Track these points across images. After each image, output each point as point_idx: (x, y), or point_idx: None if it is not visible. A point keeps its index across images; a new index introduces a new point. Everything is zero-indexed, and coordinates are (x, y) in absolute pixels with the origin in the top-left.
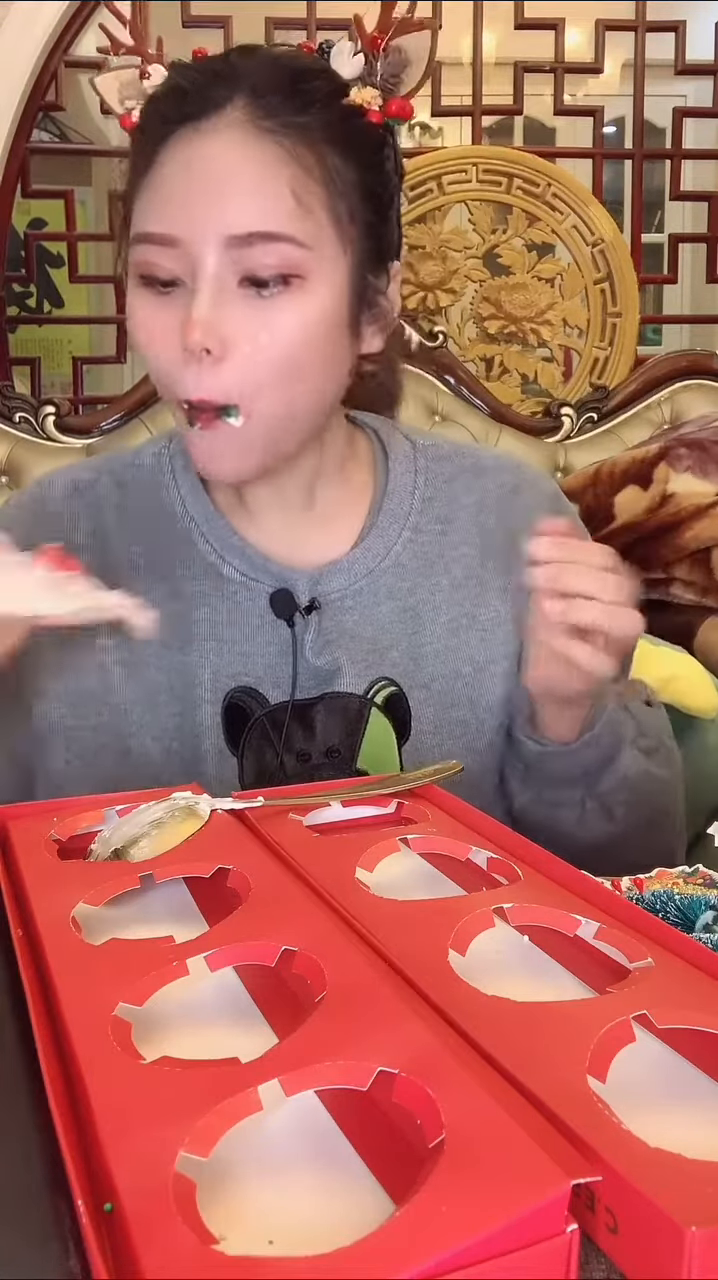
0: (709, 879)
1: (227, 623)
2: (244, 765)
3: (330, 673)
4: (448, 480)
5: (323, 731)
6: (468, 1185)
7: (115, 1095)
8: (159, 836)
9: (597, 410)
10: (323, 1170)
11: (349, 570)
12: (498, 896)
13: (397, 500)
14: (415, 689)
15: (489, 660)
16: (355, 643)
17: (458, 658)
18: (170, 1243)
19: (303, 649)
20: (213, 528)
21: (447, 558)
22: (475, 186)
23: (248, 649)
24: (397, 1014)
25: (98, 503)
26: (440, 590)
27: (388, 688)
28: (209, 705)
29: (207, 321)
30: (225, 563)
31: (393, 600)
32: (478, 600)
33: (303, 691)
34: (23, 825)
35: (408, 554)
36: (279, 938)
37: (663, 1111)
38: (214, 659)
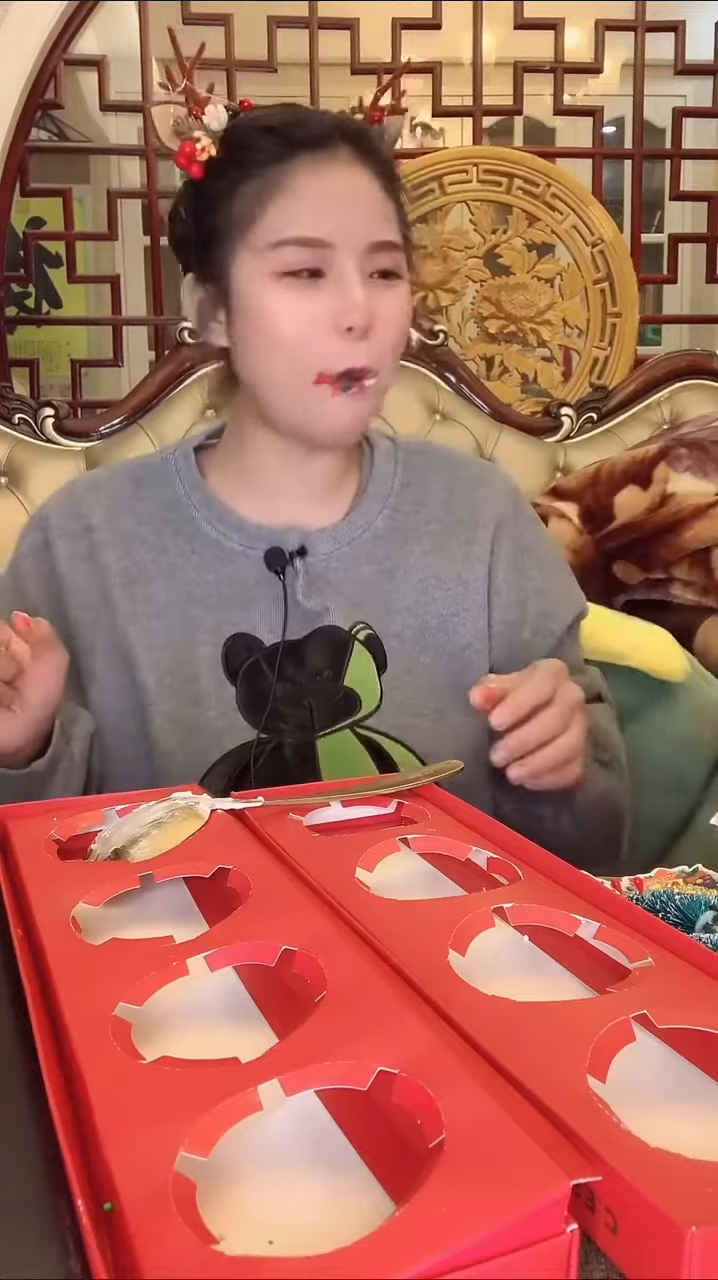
0: (709, 879)
1: (228, 583)
2: (240, 693)
3: (319, 614)
4: (422, 469)
5: (312, 660)
6: (468, 1185)
7: (115, 1095)
8: (159, 836)
9: (597, 410)
10: (323, 1170)
11: (336, 537)
12: (498, 896)
13: (379, 483)
14: (389, 637)
15: (452, 614)
16: (339, 595)
17: (426, 612)
18: (170, 1243)
19: (294, 594)
20: (213, 510)
21: (419, 531)
22: (476, 187)
23: (246, 602)
24: (397, 1014)
25: (113, 493)
26: (412, 556)
27: (366, 629)
28: (209, 646)
29: (367, 304)
30: (226, 537)
31: (371, 564)
32: (443, 565)
33: (292, 634)
34: (23, 825)
35: (387, 527)
36: (279, 938)
37: (663, 1111)
38: (217, 613)
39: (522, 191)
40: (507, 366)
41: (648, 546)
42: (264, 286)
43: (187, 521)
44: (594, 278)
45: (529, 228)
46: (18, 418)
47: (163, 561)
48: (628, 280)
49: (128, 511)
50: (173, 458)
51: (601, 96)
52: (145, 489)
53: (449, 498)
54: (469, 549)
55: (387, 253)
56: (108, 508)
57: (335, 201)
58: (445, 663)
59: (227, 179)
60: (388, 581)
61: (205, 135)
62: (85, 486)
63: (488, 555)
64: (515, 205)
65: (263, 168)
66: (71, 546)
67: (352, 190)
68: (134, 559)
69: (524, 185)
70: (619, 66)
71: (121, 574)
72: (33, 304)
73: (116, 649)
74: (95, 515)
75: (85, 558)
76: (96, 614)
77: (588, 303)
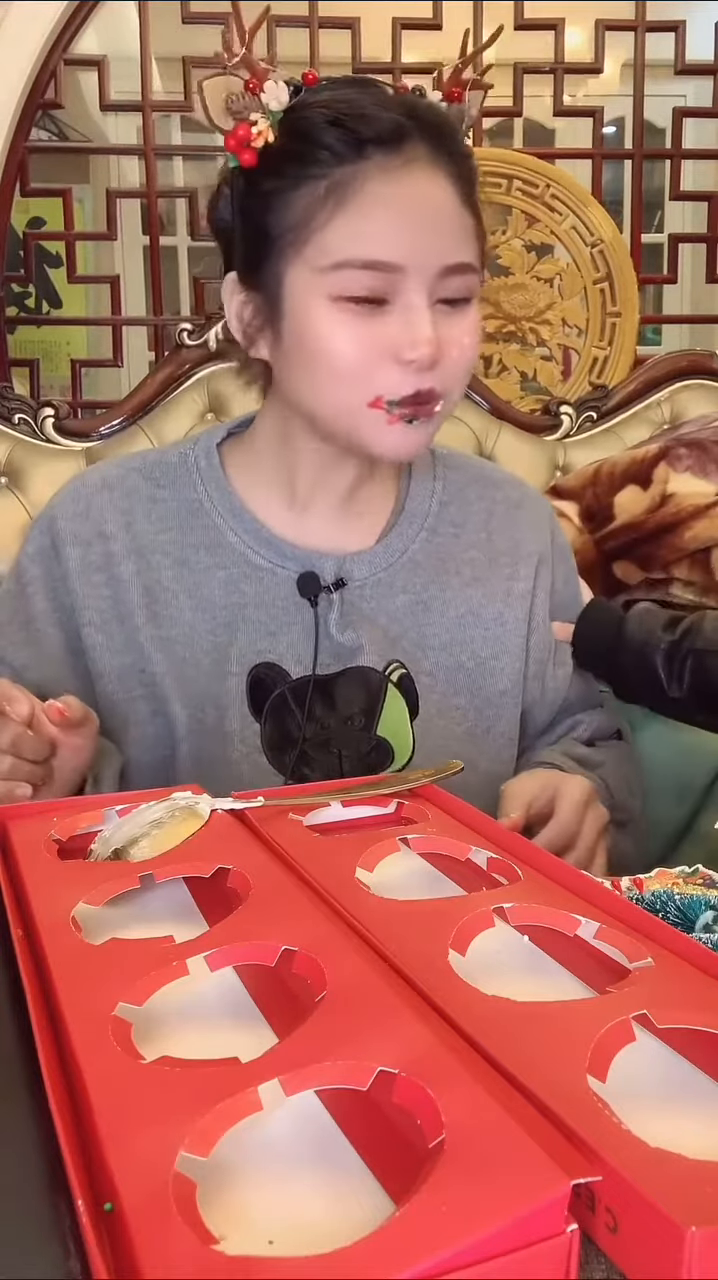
0: (709, 879)
1: (254, 605)
2: (266, 730)
3: (352, 650)
4: (462, 488)
5: (343, 702)
6: (468, 1185)
7: (115, 1095)
8: (159, 836)
9: (596, 409)
10: (323, 1170)
11: (372, 562)
12: (498, 896)
13: (417, 502)
14: (421, 675)
15: (491, 656)
16: (373, 627)
17: (462, 651)
18: (170, 1243)
19: (327, 627)
20: (241, 521)
21: (457, 559)
22: None
23: (273, 628)
24: (397, 1014)
25: (128, 495)
26: (450, 588)
27: (400, 669)
28: (235, 677)
29: (436, 338)
30: (254, 552)
31: (407, 594)
32: (483, 601)
33: (323, 668)
34: (23, 825)
35: (423, 553)
36: (279, 938)
37: (663, 1111)
38: (241, 638)
39: (521, 193)
40: (505, 365)
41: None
42: (320, 309)
43: (209, 530)
44: (594, 278)
45: (529, 228)
46: (18, 418)
47: (186, 577)
48: (628, 280)
49: (145, 517)
50: (193, 454)
51: (600, 97)
52: (163, 490)
53: (489, 521)
54: (511, 585)
55: (461, 276)
56: (123, 511)
57: (408, 218)
58: (480, 707)
59: (285, 176)
60: (424, 614)
61: (263, 117)
62: (95, 485)
63: (529, 593)
64: (515, 206)
65: (325, 168)
66: (83, 554)
67: (428, 203)
68: (155, 574)
69: (524, 186)
70: (619, 67)
71: (143, 592)
72: (33, 304)
73: (141, 676)
74: (109, 520)
75: (99, 568)
76: (111, 635)
77: (588, 303)
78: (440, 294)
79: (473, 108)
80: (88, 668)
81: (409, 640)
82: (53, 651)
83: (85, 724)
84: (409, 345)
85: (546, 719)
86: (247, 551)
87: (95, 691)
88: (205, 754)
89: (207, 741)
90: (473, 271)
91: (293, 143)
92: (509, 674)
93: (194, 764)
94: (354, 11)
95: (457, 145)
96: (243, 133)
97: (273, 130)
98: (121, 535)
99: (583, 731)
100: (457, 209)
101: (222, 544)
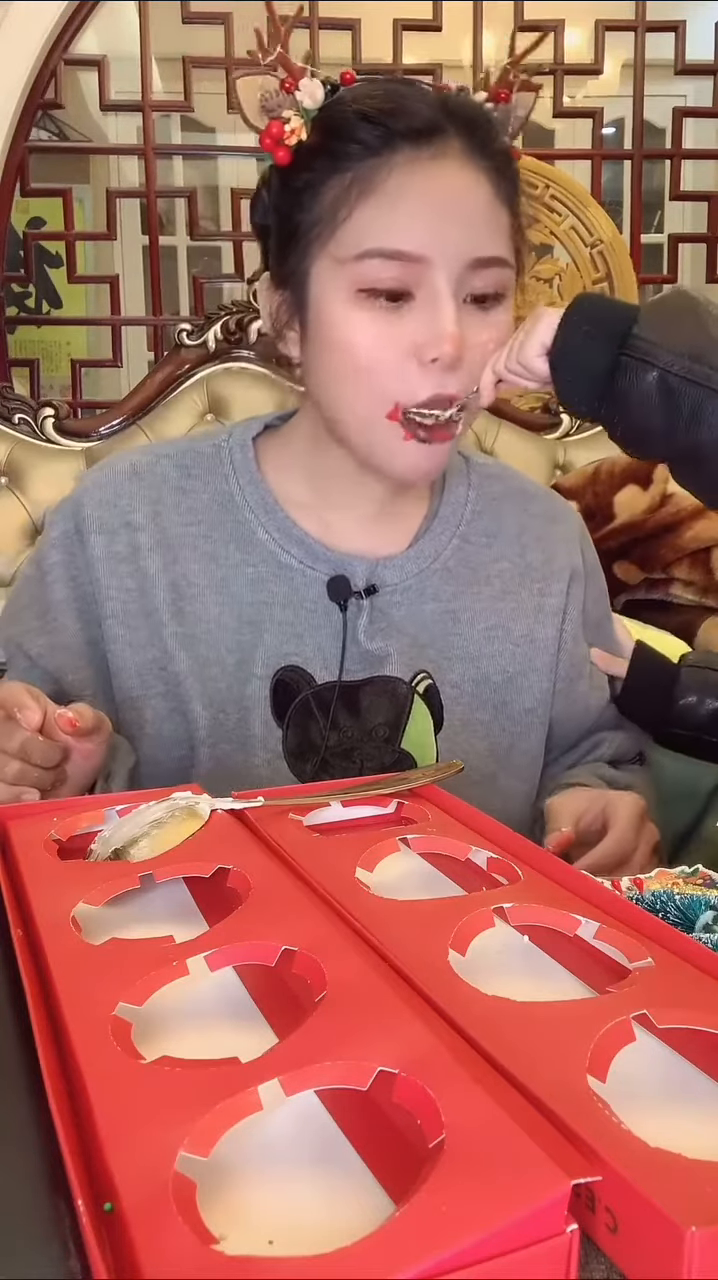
0: (709, 879)
1: (282, 605)
2: (288, 736)
3: (380, 658)
4: (496, 498)
5: (368, 712)
6: (468, 1185)
7: (115, 1095)
8: (159, 836)
9: None
10: (323, 1170)
11: (403, 568)
12: (498, 896)
13: (451, 508)
14: (447, 685)
15: (518, 673)
16: (401, 635)
17: (489, 665)
18: (170, 1243)
19: (355, 633)
20: (273, 518)
21: (489, 570)
22: None
23: (300, 630)
24: (397, 1014)
25: (156, 484)
26: (480, 600)
27: (427, 679)
28: (259, 680)
29: (459, 335)
30: (284, 551)
31: (437, 602)
32: (513, 616)
33: (349, 675)
34: (23, 825)
35: (455, 560)
36: (279, 938)
37: (663, 1111)
38: (267, 638)
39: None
40: None
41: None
42: (342, 303)
43: (240, 525)
44: (594, 278)
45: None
46: (18, 418)
47: (215, 572)
48: (628, 280)
49: (174, 508)
50: (227, 445)
51: (600, 97)
52: (194, 480)
53: (521, 534)
54: (542, 601)
55: (492, 270)
56: (152, 502)
57: (434, 207)
58: (504, 724)
59: (315, 171)
60: (452, 623)
61: (296, 115)
62: (125, 473)
63: (561, 611)
64: None
65: (354, 161)
66: (109, 543)
67: (456, 194)
68: (183, 568)
69: (523, 187)
70: (619, 67)
71: (169, 588)
72: (33, 304)
73: (162, 674)
74: (138, 510)
75: (125, 559)
76: (134, 629)
77: None
78: (470, 289)
79: (521, 109)
80: (105, 660)
81: (436, 649)
82: (69, 641)
83: (98, 731)
84: (431, 342)
85: (574, 737)
86: (276, 550)
87: (112, 686)
88: (226, 758)
89: (228, 745)
90: (506, 266)
91: (325, 139)
92: (536, 692)
93: (214, 766)
94: (355, 12)
95: (495, 142)
96: (276, 130)
97: (306, 128)
98: (149, 526)
99: (607, 750)
100: (489, 202)
101: (251, 540)
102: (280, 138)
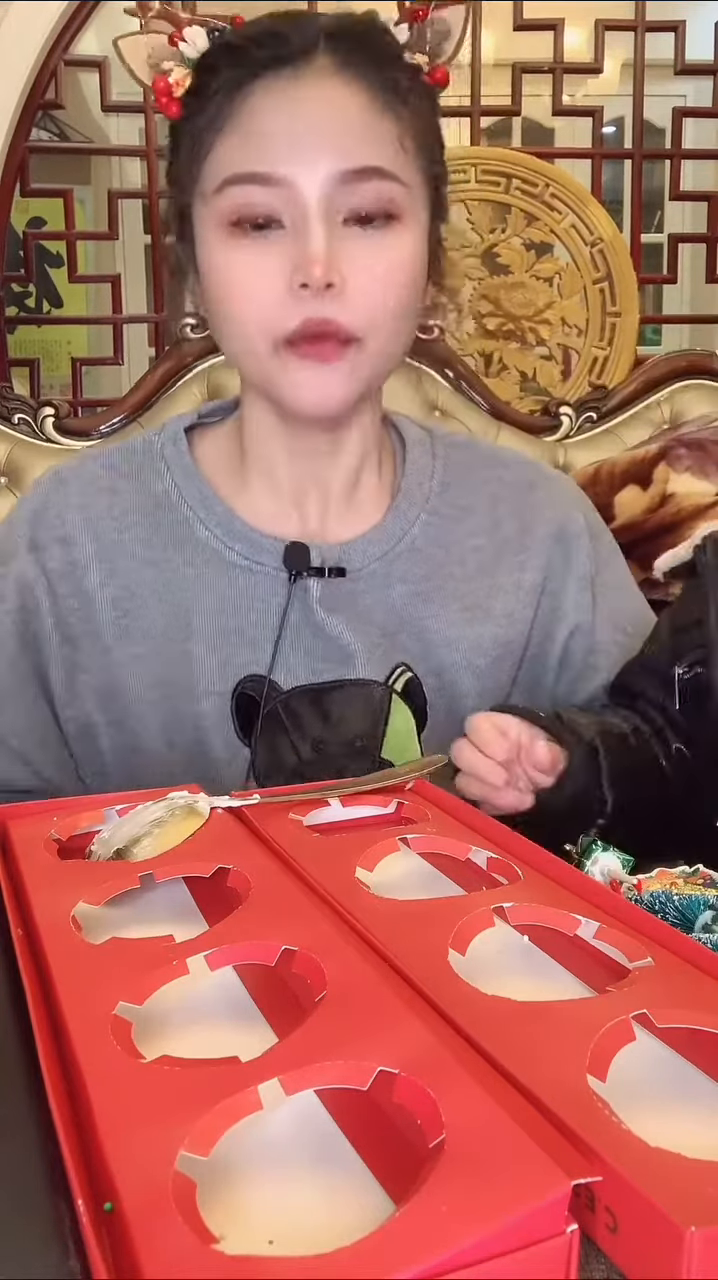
0: (709, 879)
1: (232, 610)
2: (257, 758)
3: (347, 654)
4: (466, 468)
5: (342, 721)
6: (468, 1185)
7: (115, 1095)
8: (159, 836)
9: (596, 410)
10: (323, 1170)
11: (365, 551)
12: (498, 896)
13: (414, 481)
14: (428, 675)
15: (501, 656)
16: (368, 626)
17: (471, 648)
18: (170, 1243)
19: (318, 625)
20: (213, 514)
21: (462, 546)
22: (474, 187)
23: (256, 636)
24: (397, 1014)
25: (83, 488)
26: (454, 579)
27: (406, 673)
28: (217, 697)
29: (327, 256)
30: (229, 548)
31: (405, 584)
32: (490, 593)
33: (318, 675)
34: (23, 825)
35: (424, 538)
36: (279, 937)
37: (663, 1111)
38: (221, 649)
39: (520, 192)
40: (505, 364)
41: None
42: (215, 240)
43: (179, 524)
44: (594, 277)
45: (528, 227)
46: (17, 417)
47: (154, 578)
48: (628, 280)
49: (106, 512)
50: (158, 440)
51: (600, 96)
52: (124, 479)
53: (495, 506)
54: (520, 578)
55: (370, 184)
56: (82, 510)
57: (294, 125)
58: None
59: (190, 116)
60: (424, 606)
61: (180, 66)
62: (52, 483)
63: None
64: (514, 205)
65: (220, 96)
66: (42, 563)
67: (318, 107)
68: (122, 580)
69: (523, 185)
70: (619, 66)
71: (110, 604)
72: (33, 304)
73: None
74: (69, 521)
75: (64, 576)
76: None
77: (587, 302)
78: (348, 207)
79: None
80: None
81: (409, 635)
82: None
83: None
84: (298, 265)
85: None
86: (220, 548)
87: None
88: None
89: (188, 771)
90: (387, 178)
91: (198, 82)
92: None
93: None
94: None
95: (378, 54)
96: (163, 85)
97: (190, 76)
98: (82, 538)
99: None
100: (363, 111)
101: (192, 540)
102: (169, 91)
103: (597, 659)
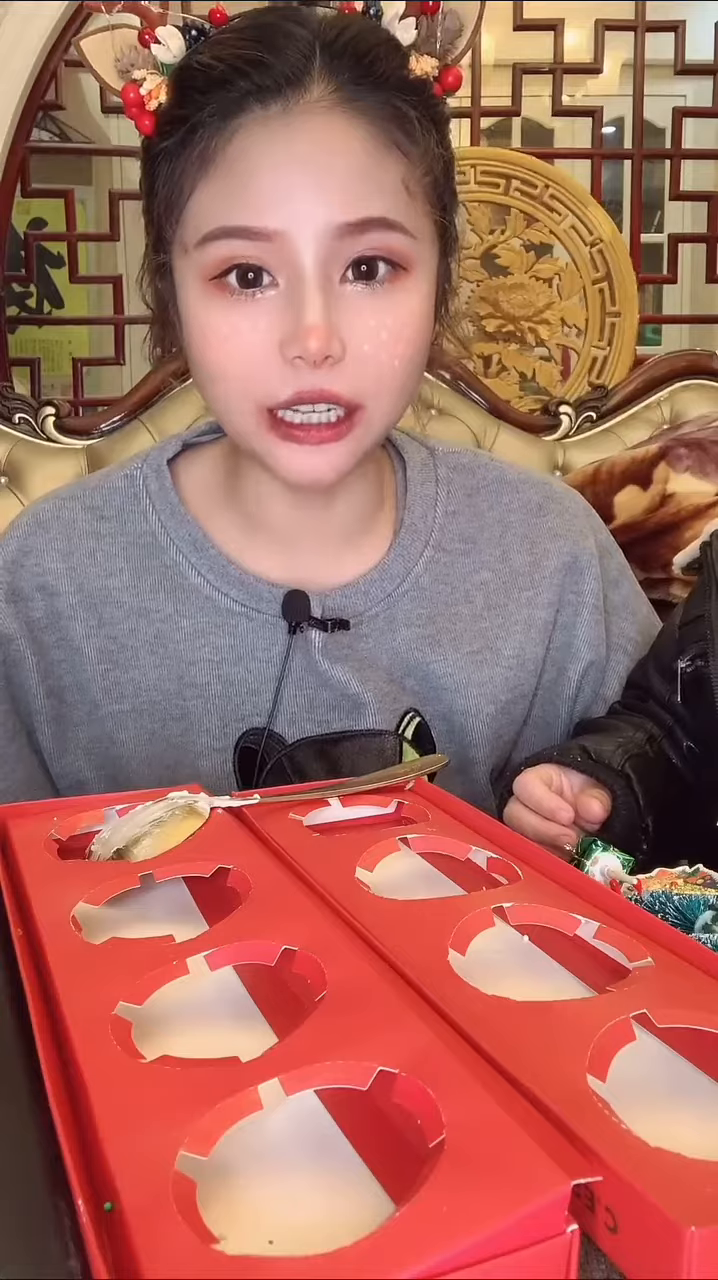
0: (709, 879)
1: (230, 660)
2: None
3: (356, 704)
4: (470, 494)
5: (353, 773)
6: (468, 1185)
7: (115, 1095)
8: (159, 836)
9: (596, 409)
10: (323, 1170)
11: (368, 594)
12: (498, 896)
13: (418, 513)
14: (436, 720)
15: (512, 701)
16: (374, 672)
17: (480, 694)
18: (170, 1242)
19: (314, 662)
20: (204, 557)
21: (469, 583)
22: (474, 188)
23: (256, 685)
24: (397, 1014)
25: (65, 532)
26: (461, 619)
27: (415, 719)
28: (218, 754)
29: (325, 325)
30: (222, 594)
31: (410, 627)
32: (501, 633)
33: (324, 726)
34: (23, 825)
35: (429, 575)
36: (279, 937)
37: (663, 1111)
38: (220, 703)
39: (520, 193)
40: (504, 365)
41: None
42: (195, 297)
43: (169, 569)
44: (593, 278)
45: (527, 228)
46: (18, 417)
47: (144, 629)
48: (627, 280)
49: (89, 558)
50: (140, 475)
51: (600, 97)
52: (107, 522)
53: (503, 534)
54: (531, 614)
55: (373, 234)
56: (64, 555)
57: (285, 171)
58: (498, 763)
59: (168, 140)
60: (431, 650)
61: (153, 73)
62: (29, 526)
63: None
64: (513, 206)
65: (200, 129)
66: (24, 614)
67: (313, 151)
68: (110, 631)
69: (522, 186)
70: (619, 66)
71: (99, 655)
72: (34, 304)
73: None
74: (50, 569)
75: (47, 627)
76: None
77: (587, 302)
78: (348, 260)
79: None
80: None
81: (417, 679)
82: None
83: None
84: (293, 336)
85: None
86: (213, 595)
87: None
88: None
89: None
90: (393, 229)
91: (174, 103)
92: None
93: None
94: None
95: (381, 77)
96: (134, 96)
97: (165, 87)
98: (65, 586)
99: None
100: (364, 153)
101: (183, 587)
102: (141, 104)
103: (608, 690)
